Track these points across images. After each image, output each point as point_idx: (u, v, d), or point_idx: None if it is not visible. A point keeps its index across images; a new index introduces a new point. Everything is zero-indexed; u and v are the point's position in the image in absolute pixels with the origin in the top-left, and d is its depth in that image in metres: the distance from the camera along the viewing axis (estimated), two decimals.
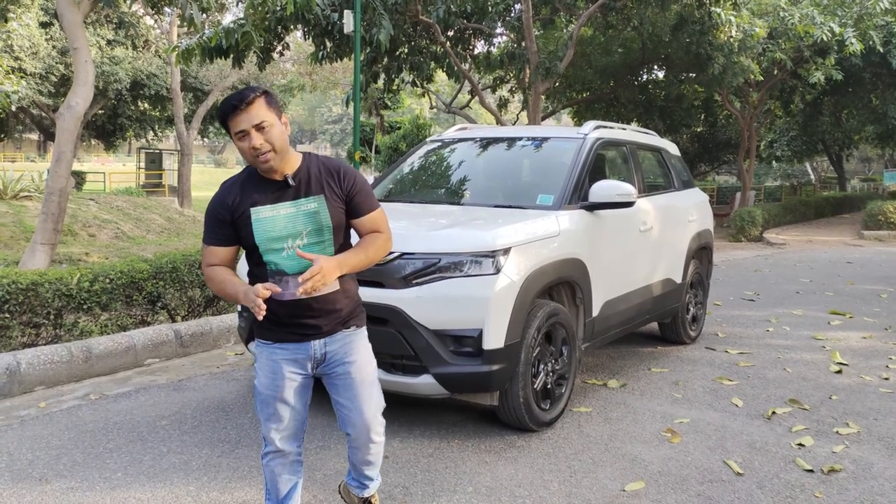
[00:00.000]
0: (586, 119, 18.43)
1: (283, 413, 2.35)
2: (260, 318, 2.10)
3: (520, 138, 5.21)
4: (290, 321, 2.28)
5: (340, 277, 2.26)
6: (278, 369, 2.32)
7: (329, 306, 2.29)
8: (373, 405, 2.43)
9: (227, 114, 2.16)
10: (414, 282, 3.47)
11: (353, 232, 2.40)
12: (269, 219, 2.21)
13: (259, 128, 2.15)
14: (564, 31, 15.14)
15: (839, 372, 5.06)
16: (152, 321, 5.60)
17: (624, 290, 4.71)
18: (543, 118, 16.94)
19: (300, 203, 2.23)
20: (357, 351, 2.39)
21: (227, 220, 2.24)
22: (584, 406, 4.26)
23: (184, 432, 3.77)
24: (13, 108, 16.47)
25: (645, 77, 18.35)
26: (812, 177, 40.42)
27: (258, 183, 2.26)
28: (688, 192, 6.05)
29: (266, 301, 2.18)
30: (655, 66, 17.72)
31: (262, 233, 2.20)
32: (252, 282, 2.27)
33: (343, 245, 2.34)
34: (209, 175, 48.19)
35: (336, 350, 2.35)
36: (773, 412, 4.18)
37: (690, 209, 5.90)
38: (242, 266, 3.09)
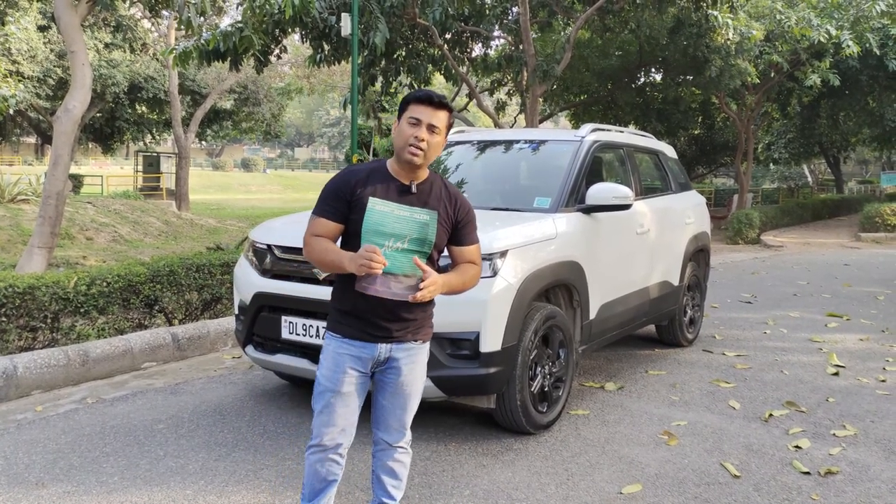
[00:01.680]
0: (584, 122, 18.42)
1: (337, 407, 2.41)
2: (377, 272, 2.20)
3: (517, 141, 5.21)
4: (365, 317, 2.36)
5: None
6: (341, 363, 2.39)
7: (405, 313, 2.37)
8: (410, 414, 2.53)
9: (418, 99, 2.35)
10: None
11: None
12: (383, 213, 2.29)
13: (431, 128, 2.34)
14: (562, 33, 15.16)
15: (836, 374, 5.07)
16: (149, 325, 5.59)
17: (621, 292, 4.72)
18: (541, 121, 16.93)
19: (415, 210, 2.34)
20: (417, 364, 2.49)
21: (346, 199, 2.35)
22: (582, 409, 4.26)
23: (181, 436, 3.76)
24: (10, 112, 16.46)
25: (642, 80, 18.37)
26: (809, 179, 40.50)
27: (384, 179, 2.38)
28: (685, 195, 6.06)
29: (347, 293, 2.32)
30: (653, 69, 17.75)
31: (371, 223, 2.28)
32: (341, 275, 2.39)
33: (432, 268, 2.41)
34: (207, 178, 48.13)
35: (400, 358, 2.43)
36: (770, 414, 4.19)
37: (688, 211, 5.91)
38: None
